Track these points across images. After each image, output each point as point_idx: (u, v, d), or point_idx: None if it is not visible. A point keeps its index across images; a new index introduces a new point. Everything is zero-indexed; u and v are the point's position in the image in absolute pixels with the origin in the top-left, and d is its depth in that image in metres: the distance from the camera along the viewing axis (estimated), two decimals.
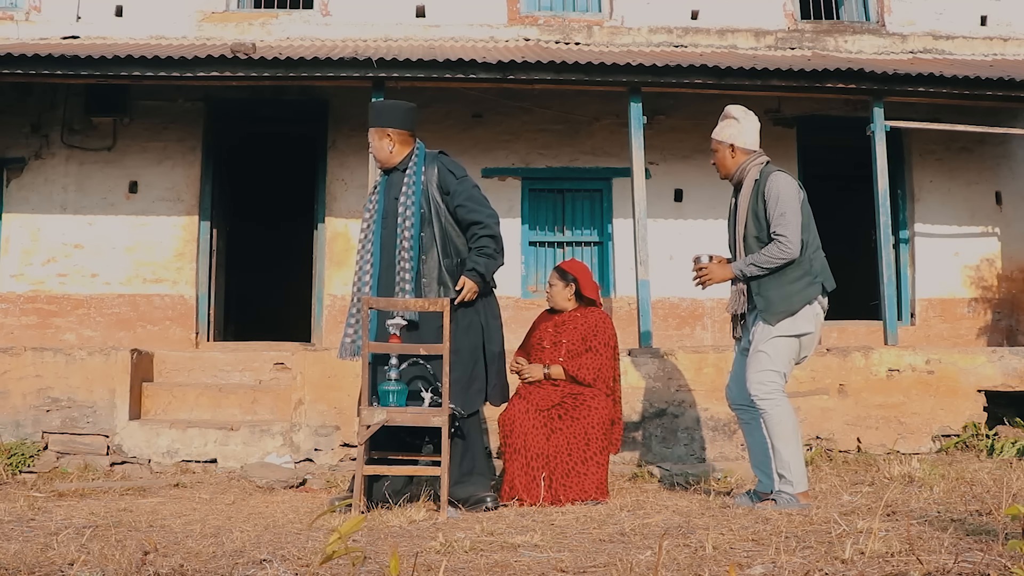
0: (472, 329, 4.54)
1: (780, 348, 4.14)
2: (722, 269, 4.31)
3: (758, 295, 4.21)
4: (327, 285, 8.74)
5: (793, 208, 4.18)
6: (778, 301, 4.16)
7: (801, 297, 4.17)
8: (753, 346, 4.19)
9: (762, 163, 4.34)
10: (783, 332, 4.14)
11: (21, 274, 8.65)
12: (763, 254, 4.18)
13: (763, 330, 4.18)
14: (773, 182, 4.23)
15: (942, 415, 6.55)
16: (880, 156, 7.72)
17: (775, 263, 4.16)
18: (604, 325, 4.93)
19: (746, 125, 4.39)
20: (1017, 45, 9.56)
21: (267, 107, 9.07)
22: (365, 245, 4.63)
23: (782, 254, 4.14)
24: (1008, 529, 2.94)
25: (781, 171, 4.31)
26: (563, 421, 4.69)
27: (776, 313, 4.15)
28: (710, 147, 4.48)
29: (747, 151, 4.37)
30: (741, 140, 4.37)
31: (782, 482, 4.11)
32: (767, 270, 4.18)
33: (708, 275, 4.32)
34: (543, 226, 9.16)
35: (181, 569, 2.84)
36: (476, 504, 4.34)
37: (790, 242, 4.14)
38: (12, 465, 5.96)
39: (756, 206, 4.25)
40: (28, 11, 9.09)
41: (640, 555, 2.99)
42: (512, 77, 7.59)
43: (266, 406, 6.71)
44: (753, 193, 4.27)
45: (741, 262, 4.25)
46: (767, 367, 4.13)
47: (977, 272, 9.16)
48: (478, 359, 4.56)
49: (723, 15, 9.43)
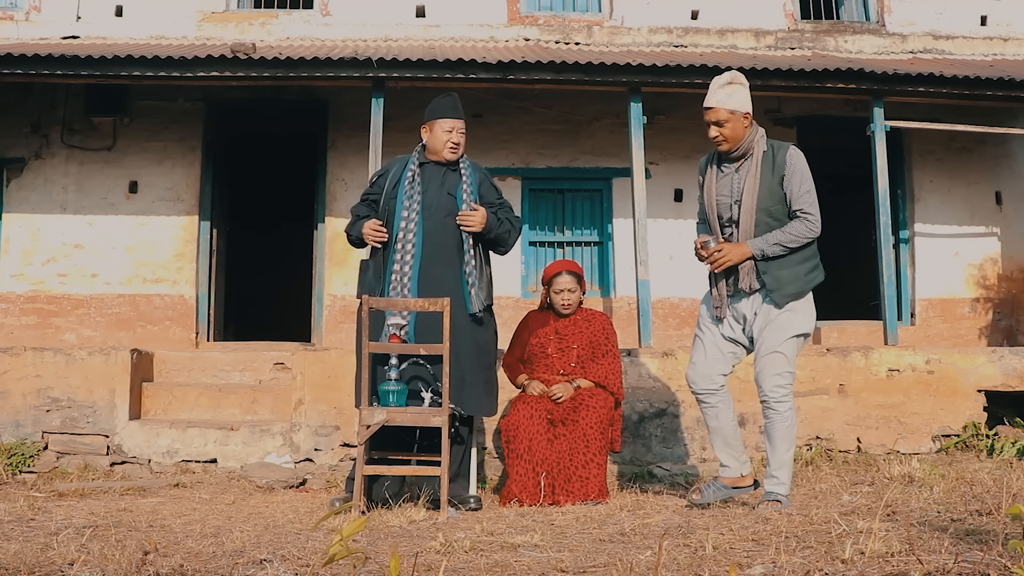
0: (492, 332, 4.65)
1: (796, 348, 4.01)
2: (739, 248, 3.99)
3: (766, 274, 3.98)
4: (327, 285, 8.73)
5: (813, 186, 4.03)
6: (788, 282, 3.97)
7: (808, 280, 4.02)
8: (767, 344, 3.98)
9: (763, 134, 4.14)
10: (799, 331, 3.99)
11: (21, 274, 8.65)
12: (788, 232, 3.96)
13: (776, 324, 3.98)
14: (794, 157, 4.05)
15: (942, 415, 6.55)
16: (880, 156, 7.73)
17: (800, 242, 3.96)
18: (611, 327, 4.96)
19: (748, 92, 4.12)
20: (1017, 45, 9.56)
21: (267, 107, 9.07)
22: (405, 245, 4.45)
23: (810, 232, 3.96)
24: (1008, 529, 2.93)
25: (793, 144, 4.14)
26: (565, 426, 4.69)
27: (786, 295, 3.96)
28: (710, 119, 4.07)
29: (753, 120, 4.12)
30: (750, 108, 4.09)
31: (775, 483, 3.99)
32: (789, 250, 3.97)
33: (725, 255, 3.98)
34: (543, 226, 9.15)
35: (181, 569, 2.84)
36: (460, 504, 4.37)
37: (817, 220, 3.97)
38: (12, 465, 5.96)
39: (771, 181, 4.01)
40: (28, 11, 9.09)
41: (640, 555, 2.99)
42: (512, 77, 7.60)
43: (266, 406, 6.71)
44: (765, 167, 4.02)
45: (761, 240, 3.98)
46: (785, 368, 3.99)
47: (977, 272, 9.16)
48: (494, 364, 4.67)
49: (723, 15, 9.43)
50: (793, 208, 3.99)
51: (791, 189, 4.00)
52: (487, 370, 4.58)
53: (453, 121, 4.59)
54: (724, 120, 4.04)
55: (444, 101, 4.65)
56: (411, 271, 4.42)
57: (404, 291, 4.41)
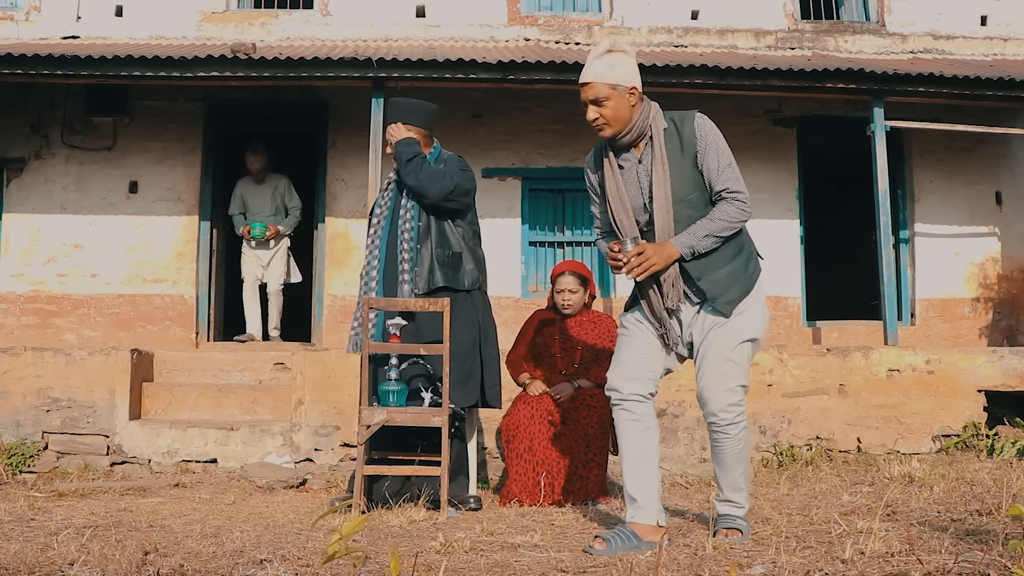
0: (470, 324, 4.55)
1: (749, 355, 3.27)
2: (664, 249, 3.19)
3: (700, 280, 3.23)
4: (327, 285, 8.73)
5: (733, 158, 3.27)
6: (729, 283, 3.23)
7: (751, 274, 3.29)
8: (715, 350, 3.23)
9: (659, 108, 3.34)
10: (753, 334, 3.26)
11: (21, 274, 8.65)
12: (717, 220, 3.19)
13: (727, 327, 3.23)
14: (703, 126, 3.25)
15: (942, 415, 6.55)
16: (880, 156, 7.73)
17: (734, 228, 3.22)
18: (616, 329, 4.95)
19: (635, 62, 3.29)
20: (1017, 45, 9.56)
21: (267, 107, 9.07)
22: (374, 240, 4.64)
23: (742, 214, 3.21)
24: (1008, 529, 2.94)
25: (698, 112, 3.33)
26: (566, 426, 4.68)
27: (732, 299, 3.22)
28: (587, 97, 3.27)
29: (642, 96, 3.29)
30: (638, 81, 3.27)
31: (732, 507, 3.34)
32: (723, 239, 3.22)
33: (648, 260, 3.16)
34: (543, 226, 9.15)
35: (181, 569, 2.84)
36: (460, 504, 4.37)
37: (747, 199, 3.23)
38: (12, 465, 5.96)
39: (682, 162, 3.24)
40: (28, 11, 9.09)
41: (640, 555, 2.99)
42: (512, 77, 7.59)
43: (266, 406, 6.71)
44: (672, 147, 3.25)
45: (687, 236, 3.19)
46: (738, 381, 3.24)
47: (977, 272, 9.16)
48: (475, 355, 4.57)
49: (723, 15, 9.42)
50: (716, 189, 3.23)
51: (708, 166, 3.23)
52: (457, 360, 4.44)
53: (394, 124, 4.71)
54: (604, 98, 3.24)
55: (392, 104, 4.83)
56: (377, 275, 4.57)
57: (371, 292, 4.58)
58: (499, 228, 8.63)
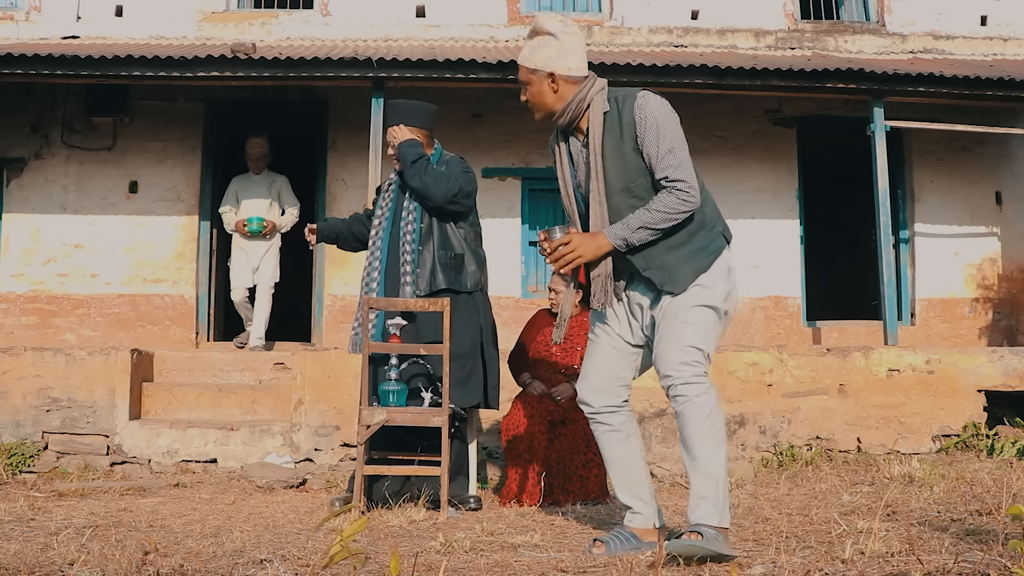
0: (471, 325, 4.55)
1: (707, 321, 2.95)
2: (593, 240, 2.97)
3: (647, 269, 2.99)
4: (327, 285, 8.73)
5: (681, 140, 2.96)
6: (679, 265, 2.96)
7: (706, 252, 3.00)
8: (668, 315, 2.96)
9: (603, 87, 3.08)
10: (709, 302, 2.96)
11: (21, 274, 8.65)
12: (654, 210, 2.91)
13: (678, 299, 2.96)
14: (645, 107, 2.97)
15: (942, 415, 6.55)
16: (880, 156, 7.73)
17: (674, 220, 2.92)
18: None
19: (569, 43, 3.07)
20: (1017, 45, 9.56)
21: (267, 107, 9.07)
22: (375, 242, 4.64)
23: (683, 205, 2.92)
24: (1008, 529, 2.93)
25: (647, 90, 3.06)
26: (566, 426, 4.69)
27: (683, 279, 2.95)
28: (519, 79, 3.15)
29: (574, 79, 3.06)
30: (564, 65, 3.05)
31: (705, 507, 2.84)
32: (661, 231, 2.94)
33: (574, 250, 2.96)
34: (543, 226, 9.14)
35: (181, 569, 2.84)
36: (460, 504, 4.37)
37: (691, 187, 2.92)
38: (12, 465, 5.96)
39: (621, 147, 2.99)
40: (28, 11, 9.09)
41: (640, 555, 2.98)
42: (512, 77, 7.58)
43: (266, 406, 6.71)
44: (611, 131, 3.01)
45: (620, 227, 2.95)
46: (692, 342, 2.91)
47: (977, 272, 9.16)
48: (477, 356, 4.57)
49: (723, 15, 9.42)
50: (656, 177, 2.95)
51: (648, 151, 2.96)
52: (458, 360, 4.45)
53: (395, 127, 4.72)
54: (525, 82, 3.10)
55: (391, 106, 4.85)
56: (378, 275, 4.58)
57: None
58: (499, 228, 8.63)
